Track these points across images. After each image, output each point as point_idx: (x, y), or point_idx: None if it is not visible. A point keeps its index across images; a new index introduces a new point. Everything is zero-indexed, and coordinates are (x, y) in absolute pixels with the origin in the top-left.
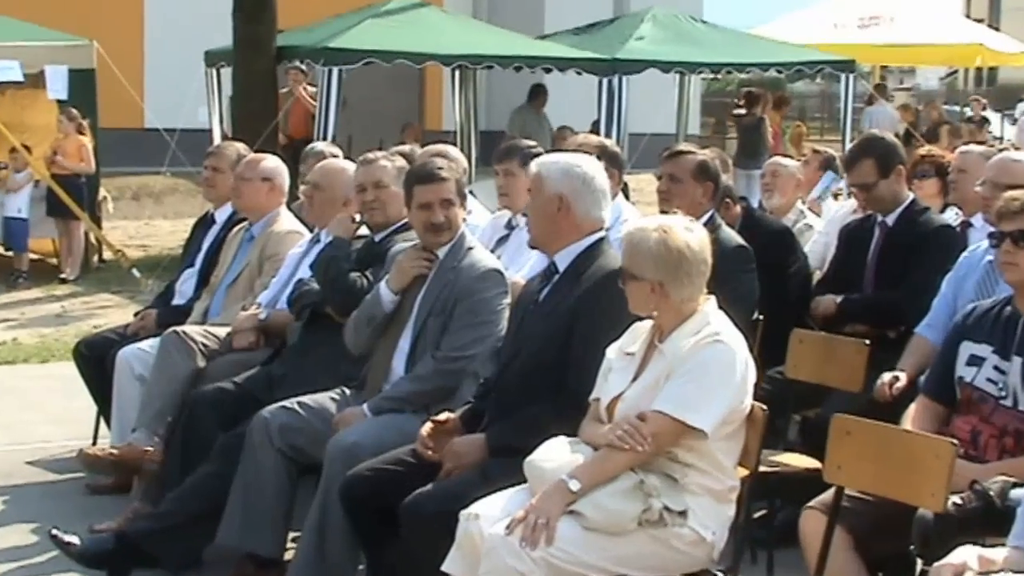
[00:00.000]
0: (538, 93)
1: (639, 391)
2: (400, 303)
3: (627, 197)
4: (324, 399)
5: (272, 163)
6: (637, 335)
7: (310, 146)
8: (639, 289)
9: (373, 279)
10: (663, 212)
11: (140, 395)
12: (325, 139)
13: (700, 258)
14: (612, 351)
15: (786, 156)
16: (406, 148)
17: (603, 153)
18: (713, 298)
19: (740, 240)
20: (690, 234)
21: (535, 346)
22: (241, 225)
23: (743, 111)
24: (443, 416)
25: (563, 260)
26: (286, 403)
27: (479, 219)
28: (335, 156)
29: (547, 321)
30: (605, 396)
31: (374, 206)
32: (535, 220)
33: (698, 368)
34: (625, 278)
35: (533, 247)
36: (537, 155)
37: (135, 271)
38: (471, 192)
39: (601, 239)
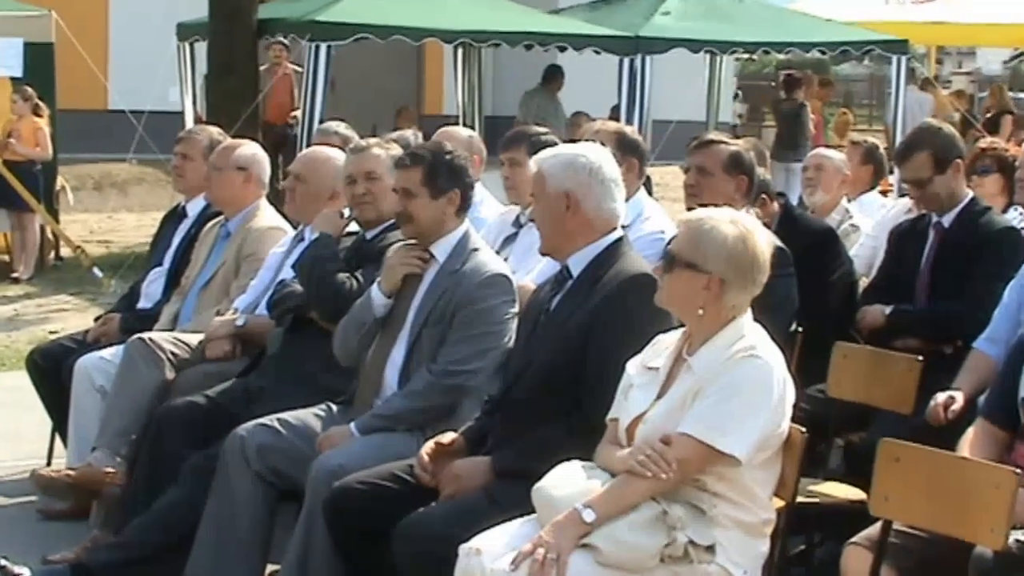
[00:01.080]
0: (554, 75)
1: (663, 411)
2: (394, 309)
3: (650, 192)
4: (308, 416)
5: (248, 150)
6: (661, 348)
7: (323, 125)
8: (692, 281)
9: (364, 282)
10: (691, 208)
11: (101, 410)
12: (311, 123)
13: (764, 268)
14: (633, 366)
15: (830, 147)
16: (408, 133)
17: (621, 141)
18: (748, 308)
19: (777, 241)
20: (765, 240)
21: (546, 360)
22: (216, 220)
23: (782, 96)
24: (447, 437)
25: (577, 264)
26: (265, 420)
27: (490, 212)
28: (350, 138)
29: (559, 332)
30: (625, 416)
31: (365, 200)
32: (543, 224)
33: (731, 386)
34: (675, 265)
35: (545, 254)
36: (549, 143)
37: (96, 270)
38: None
39: (619, 240)
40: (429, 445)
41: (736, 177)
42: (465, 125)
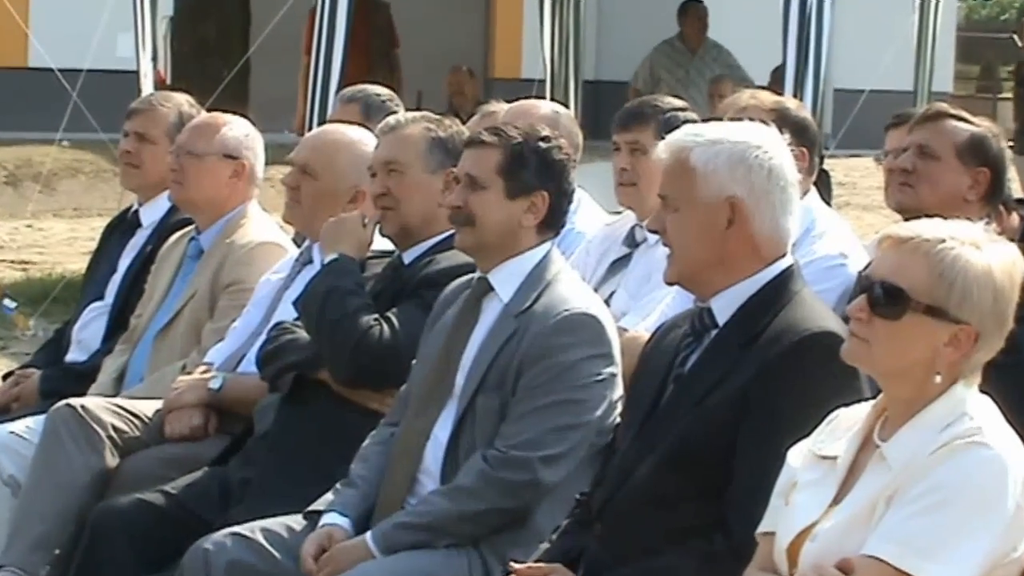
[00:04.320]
0: (692, 14)
1: (843, 522)
2: (438, 366)
3: (825, 196)
4: (304, 524)
5: (239, 129)
6: (840, 428)
7: (346, 90)
8: (932, 334)
9: (400, 326)
10: (903, 210)
11: (11, 510)
12: (324, 90)
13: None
14: (798, 455)
15: None
16: (492, 108)
17: (783, 120)
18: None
19: None
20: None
21: (675, 450)
22: (183, 231)
23: None
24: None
25: (726, 307)
26: (242, 529)
27: (589, 223)
28: (386, 109)
29: (698, 409)
30: (785, 529)
31: (384, 203)
32: (683, 242)
33: (942, 488)
34: (905, 308)
35: (674, 283)
36: (688, 123)
37: (7, 303)
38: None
39: (787, 271)
40: None
41: (973, 170)
42: (553, 98)
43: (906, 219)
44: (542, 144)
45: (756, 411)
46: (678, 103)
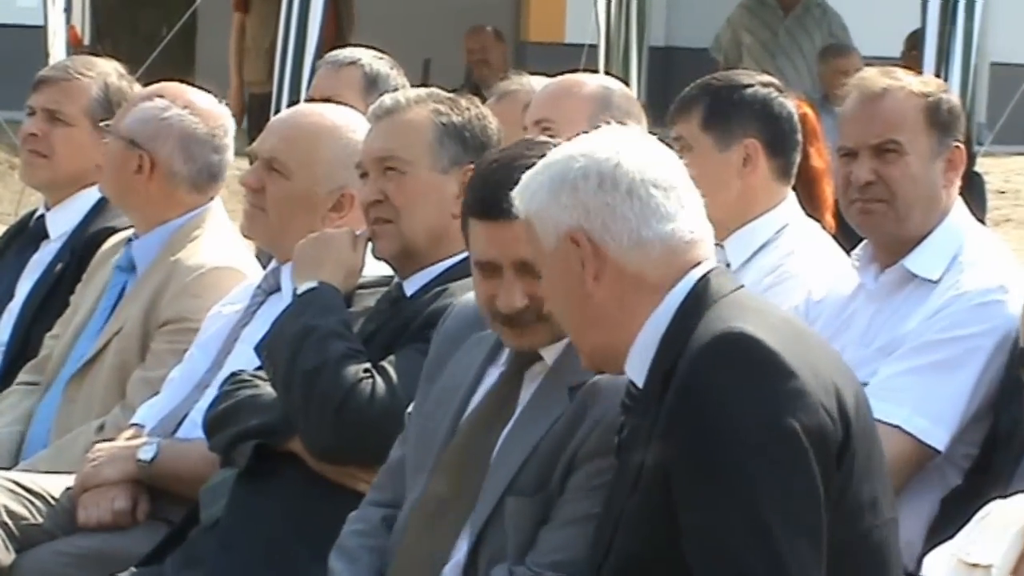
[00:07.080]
0: None
1: None
2: (460, 467)
3: (976, 209)
4: None
5: (199, 104)
6: (993, 527)
7: (333, 53)
8: None
9: (398, 379)
10: None
11: None
12: (297, 58)
13: None
14: (936, 563)
15: None
16: (513, 85)
17: (933, 111)
18: None
19: None
20: None
21: (623, 547)
22: (112, 242)
23: None
24: None
25: (639, 364)
26: None
27: None
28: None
29: (635, 494)
30: None
31: (378, 214)
32: (560, 313)
33: None
34: None
35: (593, 370)
36: (768, 105)
37: None
38: None
39: (697, 285)
40: None
41: None
42: (608, 71)
43: None
44: None
45: (680, 456)
46: (763, 77)
